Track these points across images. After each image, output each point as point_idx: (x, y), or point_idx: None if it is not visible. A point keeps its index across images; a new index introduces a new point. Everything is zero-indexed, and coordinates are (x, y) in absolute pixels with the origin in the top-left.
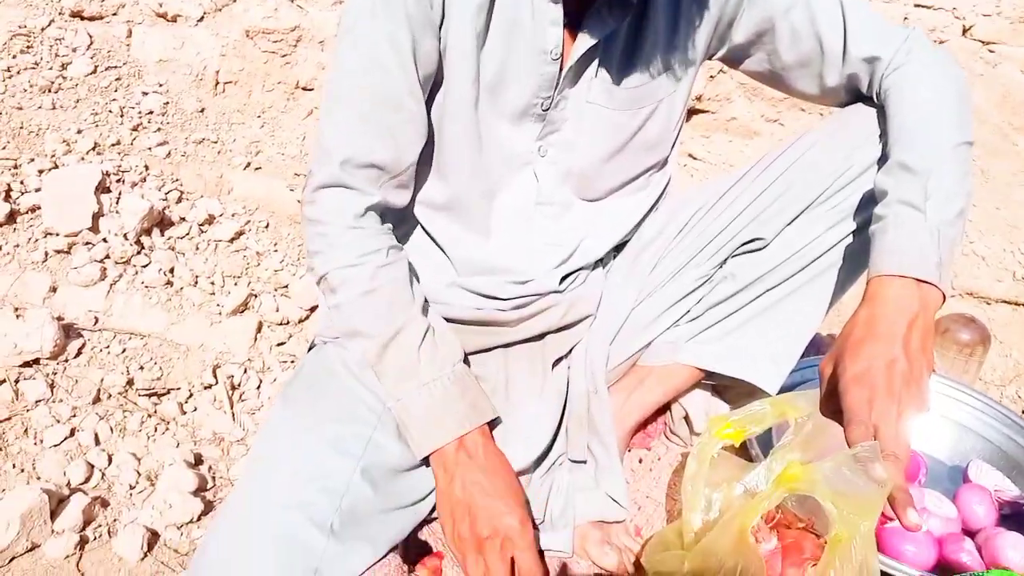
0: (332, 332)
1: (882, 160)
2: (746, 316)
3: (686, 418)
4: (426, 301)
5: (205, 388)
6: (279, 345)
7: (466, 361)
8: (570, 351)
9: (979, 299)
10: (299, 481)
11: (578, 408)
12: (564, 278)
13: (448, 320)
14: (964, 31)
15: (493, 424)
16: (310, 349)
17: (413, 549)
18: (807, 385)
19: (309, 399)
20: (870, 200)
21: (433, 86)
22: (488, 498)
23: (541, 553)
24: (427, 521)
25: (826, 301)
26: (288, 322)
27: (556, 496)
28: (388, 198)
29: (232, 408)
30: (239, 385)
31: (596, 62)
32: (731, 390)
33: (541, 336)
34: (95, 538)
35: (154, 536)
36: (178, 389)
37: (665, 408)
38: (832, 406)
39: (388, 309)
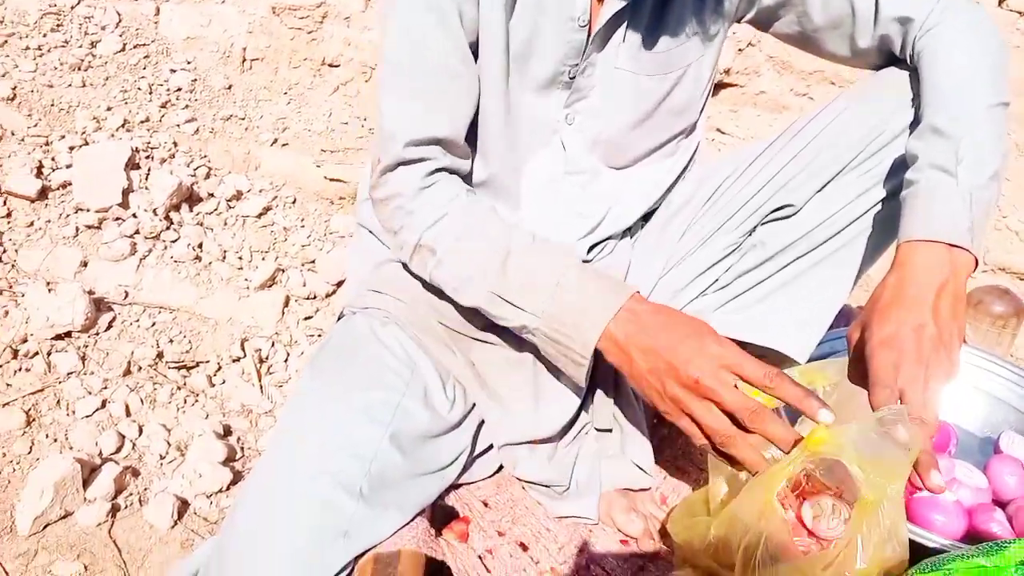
0: (369, 302)
1: (915, 124)
2: (775, 284)
3: None
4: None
5: (233, 361)
6: (306, 319)
7: (467, 342)
8: None
9: (1012, 274)
10: (328, 450)
11: (604, 377)
12: (592, 248)
13: None
14: (1000, 1)
15: (515, 395)
16: (339, 320)
17: (440, 514)
18: (836, 356)
19: (337, 368)
20: (902, 165)
21: None
22: (673, 350)
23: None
24: (455, 487)
25: (855, 269)
26: (315, 296)
27: (582, 463)
28: (453, 165)
29: (260, 381)
30: (267, 358)
31: (624, 26)
32: (760, 359)
33: None
34: (126, 506)
35: (184, 505)
36: (207, 362)
37: None
38: (859, 372)
39: (487, 239)
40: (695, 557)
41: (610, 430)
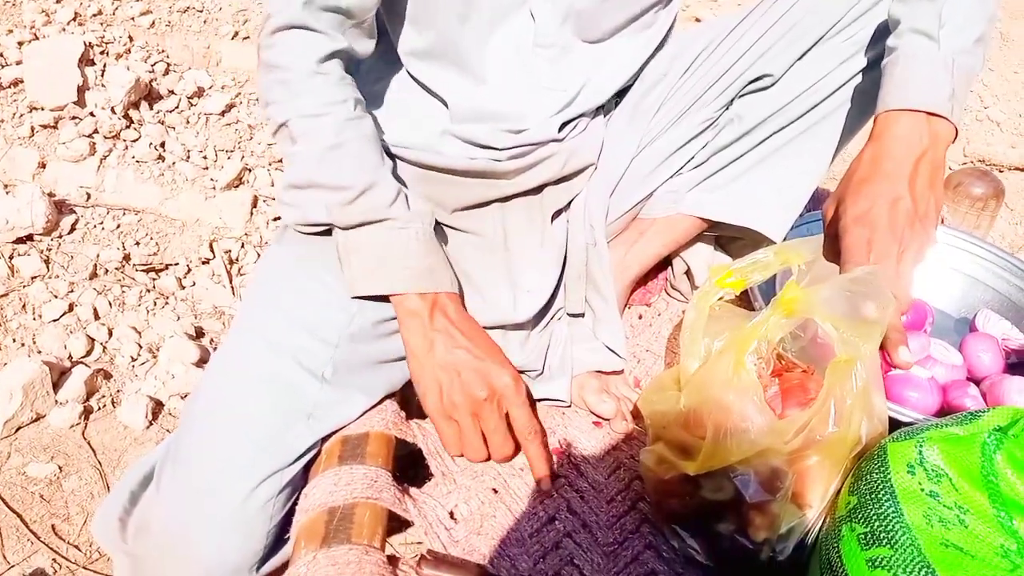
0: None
1: None
2: (752, 161)
3: (687, 273)
4: (394, 163)
5: (203, 263)
6: (276, 219)
7: (439, 229)
8: (569, 204)
9: (992, 166)
10: (294, 326)
11: (576, 261)
12: (563, 125)
13: (441, 171)
14: None
15: (490, 279)
16: None
17: (416, 403)
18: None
19: (304, 249)
20: (885, 33)
21: None
22: (478, 360)
23: (534, 407)
24: None
25: (834, 144)
26: None
27: (555, 347)
28: (353, 45)
29: (231, 282)
30: (237, 259)
31: None
32: (735, 242)
33: (539, 188)
34: (99, 408)
35: (158, 406)
36: (176, 264)
37: (666, 263)
38: (834, 250)
39: (357, 165)
40: (666, 431)
41: (582, 314)
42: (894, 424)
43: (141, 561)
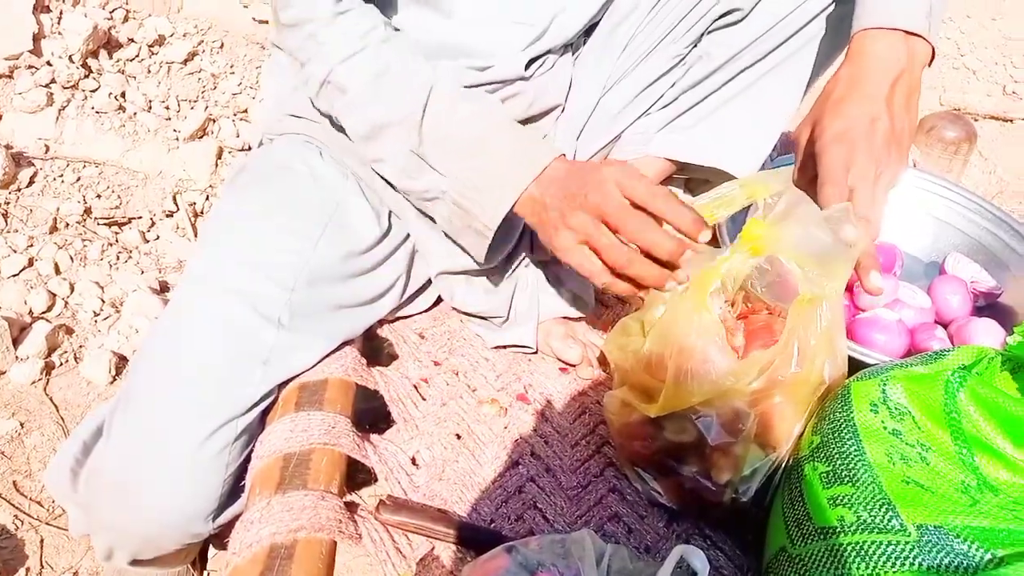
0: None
1: None
2: (720, 100)
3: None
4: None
5: (167, 216)
6: None
7: None
8: None
9: (968, 114)
10: (246, 268)
11: None
12: (530, 63)
13: None
14: None
15: None
16: (258, 147)
17: (368, 347)
18: None
19: (258, 191)
20: None
21: None
22: (575, 186)
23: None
24: (390, 320)
25: (804, 81)
26: (249, 148)
27: (521, 293)
28: None
29: (196, 235)
30: (202, 212)
31: None
32: (705, 185)
33: None
34: (61, 364)
35: (122, 360)
36: (139, 217)
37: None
38: (808, 173)
39: (407, 84)
40: (630, 375)
41: (549, 260)
42: (861, 366)
43: (93, 512)
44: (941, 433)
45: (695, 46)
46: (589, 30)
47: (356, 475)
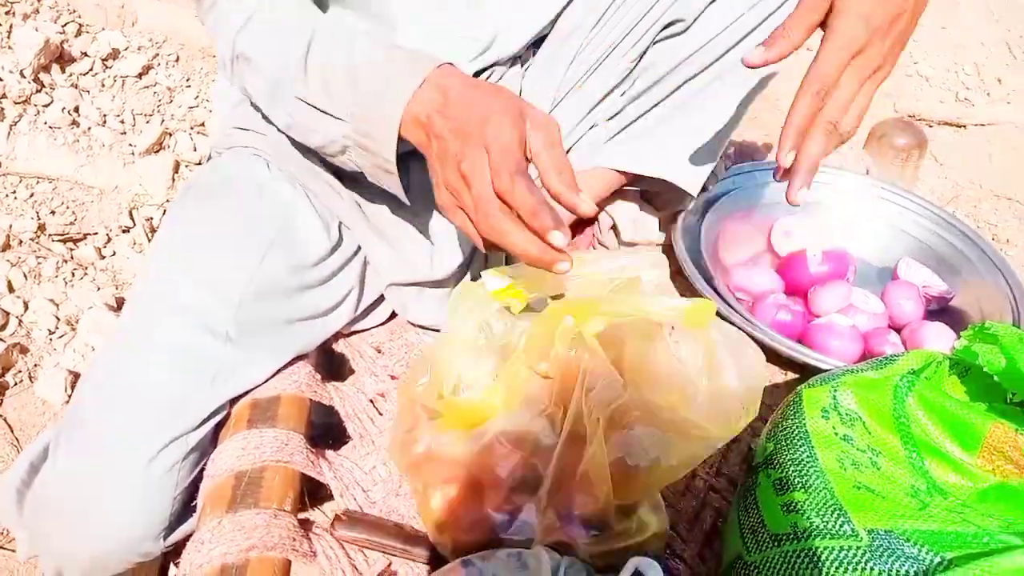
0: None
1: None
2: (666, 110)
3: (613, 227)
4: None
5: (123, 231)
6: None
7: (350, 181)
8: None
9: (921, 121)
10: (191, 285)
11: None
12: (478, 74)
13: None
14: None
15: (405, 235)
16: (208, 161)
17: (325, 359)
18: (735, 193)
19: (204, 207)
20: None
21: None
22: (469, 131)
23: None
24: (345, 335)
25: (748, 90)
26: (209, 158)
27: None
28: None
29: None
30: (159, 227)
31: None
32: (660, 196)
33: None
34: (16, 383)
35: (78, 379)
36: (95, 233)
37: (593, 218)
38: (808, 20)
39: (294, 34)
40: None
41: None
42: (817, 372)
43: (39, 534)
44: (891, 438)
45: (641, 59)
46: (537, 43)
47: (318, 491)
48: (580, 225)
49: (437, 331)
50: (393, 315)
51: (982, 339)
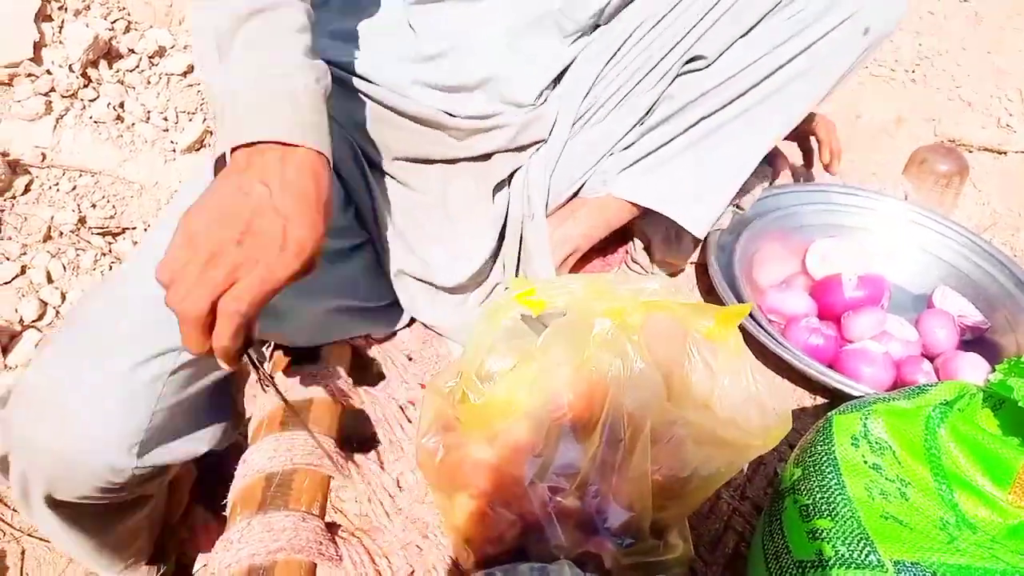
0: None
1: None
2: (681, 145)
3: (647, 248)
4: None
5: None
6: None
7: (381, 177)
8: (511, 178)
9: (961, 146)
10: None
11: (513, 233)
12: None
13: (400, 114)
14: None
15: (423, 237)
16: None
17: (371, 369)
18: (772, 213)
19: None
20: (833, 5)
21: None
22: (283, 201)
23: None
24: (377, 341)
25: (766, 134)
26: None
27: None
28: None
29: None
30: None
31: None
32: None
33: (487, 157)
34: None
35: None
36: (133, 228)
37: (627, 236)
38: None
39: None
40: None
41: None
42: (846, 398)
43: (13, 428)
44: (921, 469)
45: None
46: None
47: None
48: (613, 244)
49: (445, 336)
50: (412, 321)
51: (1018, 373)
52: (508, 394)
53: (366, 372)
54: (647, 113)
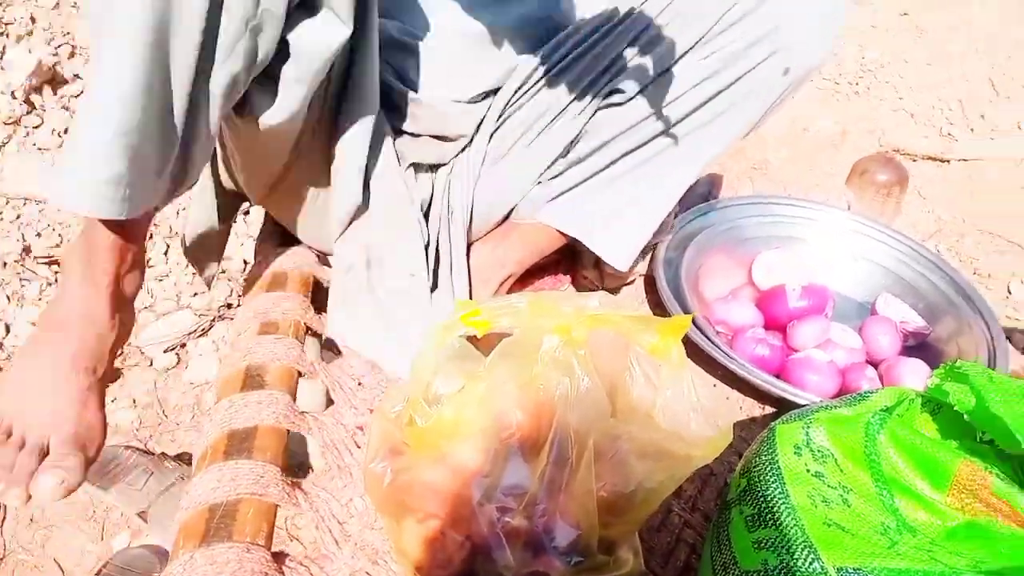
0: None
1: None
2: (606, 179)
3: (597, 263)
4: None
5: None
6: (185, 209)
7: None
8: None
9: (905, 155)
10: None
11: (433, 232)
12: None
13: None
14: None
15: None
16: None
17: (318, 395)
18: (717, 226)
19: None
20: (752, 45)
21: None
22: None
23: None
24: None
25: (693, 168)
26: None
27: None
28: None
29: None
30: (146, 251)
31: None
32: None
33: (416, 136)
34: None
35: None
36: None
37: (577, 252)
38: None
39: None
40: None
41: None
42: (793, 407)
43: None
44: (862, 475)
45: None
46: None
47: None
48: (564, 261)
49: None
50: None
51: (953, 378)
52: (456, 415)
53: (314, 398)
54: (572, 143)
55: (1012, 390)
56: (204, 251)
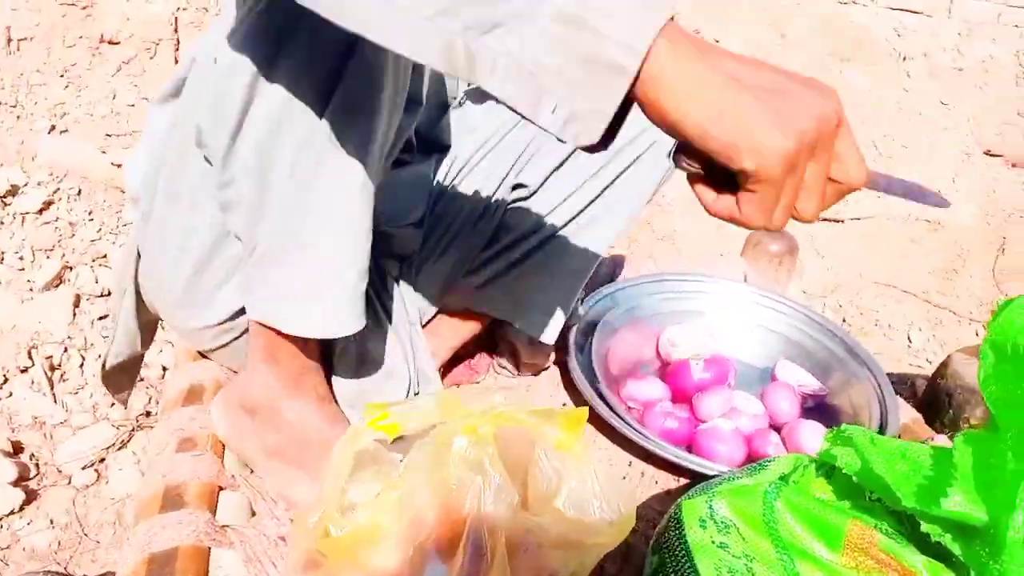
0: None
1: None
2: (528, 267)
3: (513, 352)
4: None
5: (21, 371)
6: (101, 319)
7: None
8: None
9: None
10: None
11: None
12: None
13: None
14: None
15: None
16: None
17: (239, 508)
18: (623, 306)
19: None
20: (643, 132)
21: None
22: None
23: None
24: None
25: (603, 246)
26: (109, 293)
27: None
28: None
29: (52, 390)
30: (59, 365)
31: None
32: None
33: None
34: None
35: None
36: None
37: (493, 341)
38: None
39: None
40: None
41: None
42: (706, 478)
43: None
44: (763, 542)
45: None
46: None
47: None
48: (480, 348)
49: None
50: None
51: (841, 442)
52: (371, 522)
53: (237, 511)
54: (493, 238)
55: (892, 451)
56: (124, 375)
